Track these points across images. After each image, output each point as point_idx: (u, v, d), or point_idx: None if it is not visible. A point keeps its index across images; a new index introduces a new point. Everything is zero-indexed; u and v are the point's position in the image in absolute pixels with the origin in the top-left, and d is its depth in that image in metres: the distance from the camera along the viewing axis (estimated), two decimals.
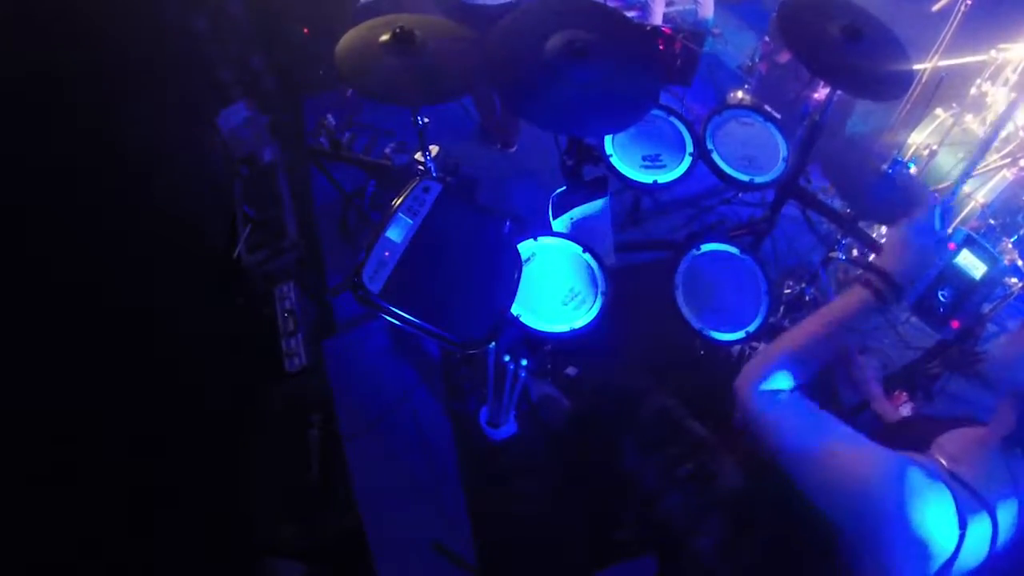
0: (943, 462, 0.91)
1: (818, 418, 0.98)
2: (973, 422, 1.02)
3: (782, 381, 1.03)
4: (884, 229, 2.49)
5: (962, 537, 0.83)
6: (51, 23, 1.80)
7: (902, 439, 1.02)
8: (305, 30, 3.48)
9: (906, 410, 2.10)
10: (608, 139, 2.11)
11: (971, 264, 1.88)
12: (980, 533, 0.85)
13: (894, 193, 1.88)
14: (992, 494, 0.87)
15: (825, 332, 1.05)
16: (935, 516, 0.84)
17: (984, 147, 2.07)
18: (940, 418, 1.10)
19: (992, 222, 2.50)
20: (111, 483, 1.64)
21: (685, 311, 1.87)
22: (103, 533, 1.58)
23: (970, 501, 0.86)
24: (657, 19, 3.40)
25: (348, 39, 1.82)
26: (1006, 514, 0.87)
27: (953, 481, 0.88)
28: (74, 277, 1.69)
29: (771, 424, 1.01)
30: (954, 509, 0.84)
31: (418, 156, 2.67)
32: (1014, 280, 2.32)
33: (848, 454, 0.92)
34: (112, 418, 1.70)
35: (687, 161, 2.10)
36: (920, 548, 0.83)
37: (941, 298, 1.90)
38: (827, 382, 1.96)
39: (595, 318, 1.75)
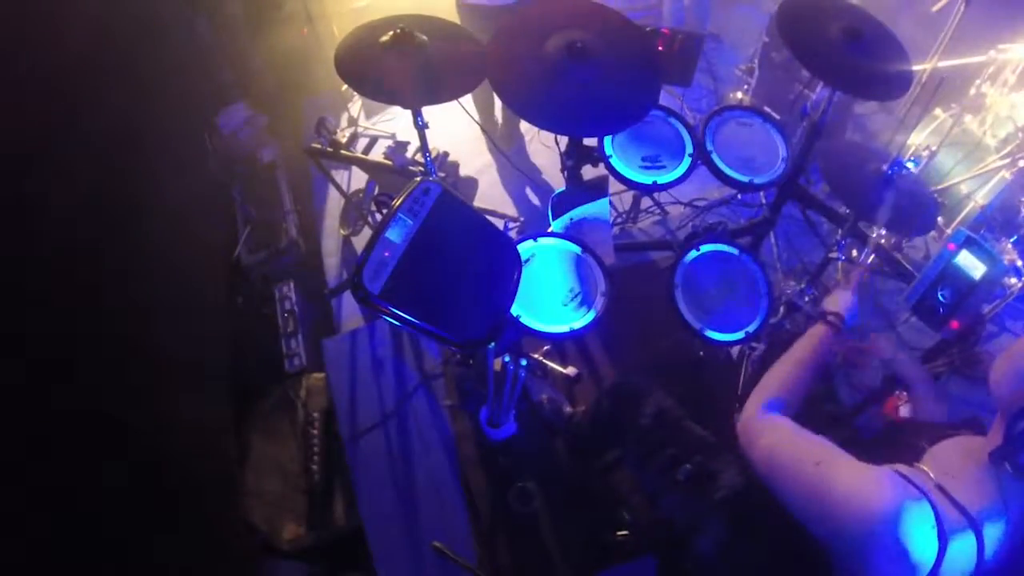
0: (931, 474, 0.93)
1: (809, 440, 1.06)
2: (972, 428, 1.03)
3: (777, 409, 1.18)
4: (883, 231, 2.49)
5: (942, 551, 0.85)
6: (50, 23, 1.80)
7: (898, 445, 1.03)
8: (304, 30, 3.49)
9: (906, 411, 2.09)
10: (608, 140, 2.11)
11: (971, 264, 1.87)
12: (963, 549, 0.86)
13: (894, 193, 1.88)
14: (981, 511, 0.88)
15: (803, 367, 1.29)
16: (916, 529, 0.85)
17: None
18: (939, 424, 1.11)
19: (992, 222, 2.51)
20: (110, 483, 1.64)
21: (685, 311, 1.87)
22: (103, 534, 1.58)
23: (955, 517, 0.87)
24: (669, 21, 3.41)
25: (348, 39, 1.82)
26: (993, 530, 0.88)
27: (939, 494, 0.89)
28: (73, 276, 1.69)
29: (769, 446, 1.10)
30: (934, 524, 0.86)
31: (418, 156, 2.67)
32: (1013, 280, 2.33)
33: (834, 473, 0.96)
34: (111, 418, 1.70)
35: (686, 162, 2.10)
36: (902, 556, 0.85)
37: (941, 298, 1.89)
38: (827, 386, 1.97)
39: (595, 318, 1.75)
